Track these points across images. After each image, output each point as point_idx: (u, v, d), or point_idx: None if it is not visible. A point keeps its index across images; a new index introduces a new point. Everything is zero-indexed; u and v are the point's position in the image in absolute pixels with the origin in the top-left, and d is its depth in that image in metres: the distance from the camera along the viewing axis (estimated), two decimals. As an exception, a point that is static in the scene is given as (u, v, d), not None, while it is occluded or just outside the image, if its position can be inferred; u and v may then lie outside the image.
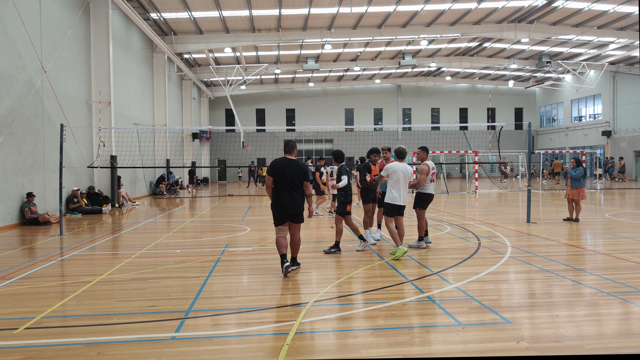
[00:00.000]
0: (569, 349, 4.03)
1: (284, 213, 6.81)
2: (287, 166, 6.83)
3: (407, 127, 44.95)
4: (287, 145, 7.11)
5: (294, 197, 6.79)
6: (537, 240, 9.47)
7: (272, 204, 6.88)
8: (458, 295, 5.65)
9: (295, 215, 6.89)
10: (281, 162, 6.89)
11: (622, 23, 25.39)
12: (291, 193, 6.78)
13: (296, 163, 6.92)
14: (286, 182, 6.77)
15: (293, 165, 6.86)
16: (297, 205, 6.83)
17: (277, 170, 6.83)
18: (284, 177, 6.77)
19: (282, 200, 6.77)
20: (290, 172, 6.79)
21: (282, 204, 6.77)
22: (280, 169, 6.82)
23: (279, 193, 6.80)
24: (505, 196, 21.73)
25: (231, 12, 22.87)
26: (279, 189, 6.82)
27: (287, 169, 6.80)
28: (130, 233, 11.67)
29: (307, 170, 6.97)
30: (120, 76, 20.25)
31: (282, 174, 6.79)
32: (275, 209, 6.86)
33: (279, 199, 6.80)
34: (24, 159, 13.15)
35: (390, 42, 30.21)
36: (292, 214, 6.84)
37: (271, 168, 6.94)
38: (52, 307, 5.38)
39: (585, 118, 40.30)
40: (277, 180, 6.83)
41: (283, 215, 6.84)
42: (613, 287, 5.91)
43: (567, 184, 12.53)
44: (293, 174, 6.79)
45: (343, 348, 4.15)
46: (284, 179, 6.77)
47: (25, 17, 13.06)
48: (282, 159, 6.93)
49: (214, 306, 5.33)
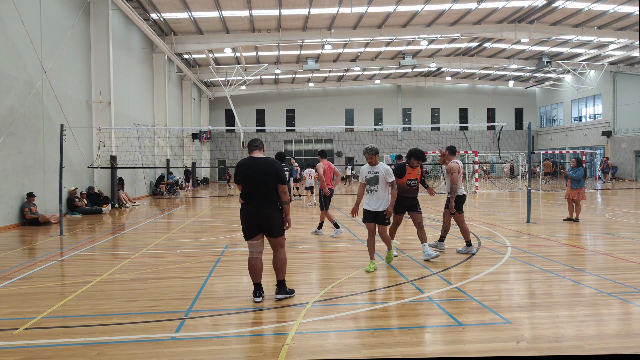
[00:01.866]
0: (569, 349, 4.03)
1: (253, 224, 5.41)
2: (255, 167, 5.43)
3: (407, 128, 44.96)
4: (254, 142, 5.64)
5: (265, 206, 5.37)
6: (537, 241, 9.47)
7: (240, 215, 5.55)
8: (458, 295, 5.65)
9: (270, 228, 5.44)
10: (247, 162, 5.50)
11: (622, 23, 25.40)
12: (261, 201, 5.37)
13: (265, 162, 5.47)
14: (255, 186, 5.38)
15: (261, 164, 5.44)
16: (269, 216, 5.38)
17: (243, 173, 5.46)
18: (252, 180, 5.39)
19: (249, 210, 5.40)
20: (260, 174, 5.39)
21: (249, 212, 5.40)
22: (247, 171, 5.43)
23: (248, 202, 5.44)
24: (505, 196, 21.72)
25: (231, 13, 22.87)
26: (244, 195, 5.47)
27: (255, 171, 5.40)
28: (131, 233, 11.67)
29: (282, 172, 5.49)
30: (120, 76, 20.25)
31: (249, 177, 5.41)
32: (241, 219, 5.51)
33: (244, 209, 5.45)
34: (24, 159, 13.15)
35: (390, 43, 30.21)
36: (264, 226, 5.43)
37: (235, 172, 5.63)
38: (52, 307, 5.38)
39: (586, 118, 40.30)
40: (243, 186, 5.48)
41: (252, 226, 5.42)
42: (613, 287, 5.91)
43: (567, 184, 12.51)
44: (264, 176, 5.38)
45: (343, 348, 4.15)
46: (253, 183, 5.39)
47: (25, 18, 13.06)
48: (248, 159, 5.53)
49: (214, 306, 5.33)
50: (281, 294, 5.54)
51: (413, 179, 7.67)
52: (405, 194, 7.66)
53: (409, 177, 7.62)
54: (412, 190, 7.68)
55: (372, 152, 6.92)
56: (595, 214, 14.25)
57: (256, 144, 5.63)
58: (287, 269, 7.31)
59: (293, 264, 7.70)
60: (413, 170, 7.65)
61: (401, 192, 7.58)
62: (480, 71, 39.94)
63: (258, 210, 5.36)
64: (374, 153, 6.92)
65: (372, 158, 6.90)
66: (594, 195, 21.43)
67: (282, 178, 5.45)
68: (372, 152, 6.92)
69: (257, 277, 5.51)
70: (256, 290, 5.49)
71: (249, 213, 5.40)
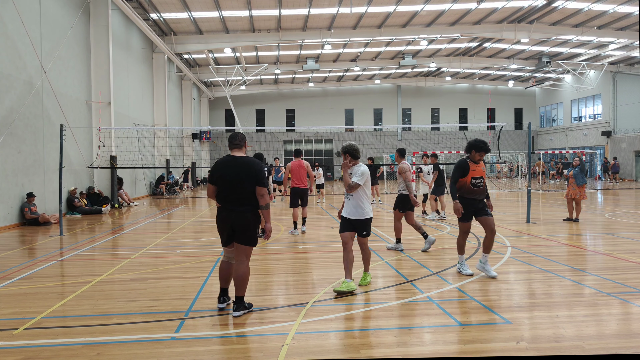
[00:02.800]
0: (569, 349, 4.03)
1: (227, 229, 5.02)
2: (233, 166, 5.01)
3: (407, 128, 44.96)
4: (234, 139, 5.20)
5: (240, 209, 4.97)
6: (537, 241, 9.47)
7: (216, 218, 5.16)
8: (458, 295, 5.65)
9: (242, 233, 4.98)
10: (225, 161, 5.08)
11: (622, 23, 25.41)
12: (236, 204, 4.97)
13: (244, 161, 5.06)
14: (232, 187, 4.97)
15: (240, 164, 5.03)
16: (244, 220, 4.96)
17: (219, 173, 5.03)
18: (227, 181, 4.98)
19: (222, 214, 5.03)
20: (236, 175, 4.97)
21: (222, 218, 5.02)
22: (223, 172, 5.01)
23: (221, 204, 5.05)
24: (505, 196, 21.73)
25: (231, 13, 22.87)
26: (220, 198, 5.05)
27: (232, 171, 4.99)
28: (130, 233, 11.67)
29: (262, 173, 5.06)
30: (120, 76, 20.26)
31: (224, 178, 4.99)
32: (216, 223, 5.14)
33: (219, 213, 5.07)
34: (24, 159, 13.15)
35: (390, 43, 30.22)
36: (237, 231, 4.98)
37: (210, 171, 5.22)
38: (52, 307, 5.38)
39: (585, 118, 40.32)
40: (219, 187, 5.05)
41: (226, 231, 5.04)
42: (613, 287, 5.91)
43: (568, 184, 12.43)
44: (242, 177, 4.97)
45: (343, 348, 4.16)
46: (228, 184, 4.97)
47: (25, 18, 13.06)
48: (227, 158, 5.10)
49: (213, 306, 5.32)
50: (239, 311, 4.96)
51: (478, 177, 6.46)
52: (471, 195, 6.47)
53: (473, 174, 6.43)
54: (478, 191, 6.48)
55: (343, 150, 5.99)
56: (595, 213, 14.25)
57: (236, 141, 5.17)
58: (287, 268, 7.34)
59: (293, 264, 7.71)
60: (477, 167, 6.48)
61: (466, 194, 6.48)
62: (480, 71, 39.96)
63: (233, 213, 4.96)
64: (343, 152, 5.95)
65: (346, 158, 5.93)
66: (593, 195, 21.44)
67: (262, 180, 5.04)
68: (343, 150, 5.99)
69: (227, 282, 5.21)
70: (222, 296, 5.19)
71: (223, 217, 5.01)
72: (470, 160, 6.50)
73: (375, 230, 10.99)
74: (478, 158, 6.47)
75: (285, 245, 9.42)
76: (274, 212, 15.69)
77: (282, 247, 9.15)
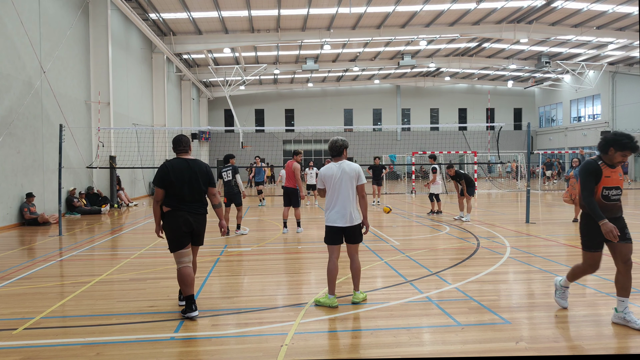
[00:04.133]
0: (568, 349, 4.04)
1: (187, 231, 5.03)
2: (186, 169, 5.07)
3: (406, 128, 44.95)
4: (179, 143, 5.23)
5: (197, 211, 5.09)
6: (536, 241, 9.48)
7: (166, 223, 5.05)
8: (457, 295, 5.65)
9: (201, 235, 5.24)
10: (176, 164, 5.10)
11: (622, 23, 25.42)
12: (193, 206, 5.06)
13: (195, 163, 5.17)
14: (188, 190, 5.03)
15: (191, 166, 5.11)
16: (204, 222, 5.22)
17: (170, 177, 5.00)
18: (183, 183, 5.02)
19: (183, 216, 5.00)
20: (190, 177, 5.05)
21: (184, 219, 5.00)
22: (175, 174, 5.01)
23: (176, 207, 5.02)
24: (504, 196, 21.74)
25: (230, 13, 22.87)
26: (174, 201, 5.02)
27: (186, 173, 5.05)
28: (130, 233, 11.66)
29: (211, 173, 5.25)
30: (119, 77, 20.25)
31: (178, 180, 5.00)
32: (171, 227, 5.01)
33: (177, 216, 5.00)
34: (23, 159, 13.14)
35: (389, 43, 30.22)
36: (197, 232, 5.15)
37: (160, 175, 5.05)
38: (51, 307, 5.38)
39: (585, 118, 40.34)
40: (172, 190, 5.01)
41: (186, 233, 5.04)
42: (612, 287, 5.87)
43: (568, 185, 12.22)
44: (194, 179, 5.07)
45: (342, 348, 4.16)
46: (184, 186, 5.02)
47: (25, 18, 13.05)
48: (177, 161, 5.14)
49: (213, 306, 5.32)
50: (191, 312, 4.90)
51: (613, 187, 4.56)
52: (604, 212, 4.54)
53: (606, 183, 4.54)
54: (612, 207, 4.61)
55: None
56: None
57: (182, 146, 5.22)
58: (287, 268, 7.36)
59: (293, 264, 7.71)
60: (613, 172, 4.57)
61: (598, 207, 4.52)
62: (479, 71, 39.97)
63: (193, 215, 5.05)
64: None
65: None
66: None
67: (213, 180, 5.25)
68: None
69: (192, 287, 5.00)
70: (191, 304, 4.92)
71: (183, 219, 4.99)
72: (603, 163, 4.57)
73: (376, 232, 11.00)
74: (619, 160, 4.53)
75: (284, 245, 9.42)
76: (270, 212, 15.69)
77: (281, 247, 9.15)
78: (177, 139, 5.24)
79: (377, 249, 8.71)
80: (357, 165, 5.34)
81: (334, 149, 5.39)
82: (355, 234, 5.29)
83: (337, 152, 5.38)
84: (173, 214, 5.02)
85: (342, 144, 5.36)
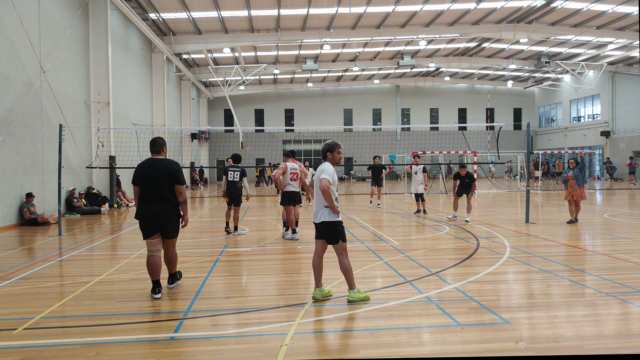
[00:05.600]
0: (568, 349, 4.04)
1: (150, 223, 5.65)
2: (153, 168, 5.66)
3: (406, 128, 44.95)
4: (153, 144, 5.84)
5: (161, 206, 5.62)
6: (535, 241, 9.48)
7: (136, 215, 5.74)
8: (457, 295, 5.65)
9: (166, 229, 5.73)
10: (146, 164, 5.74)
11: (621, 23, 25.43)
12: (158, 201, 5.62)
13: (163, 163, 5.70)
14: (152, 187, 5.62)
15: (159, 166, 5.67)
16: (166, 216, 5.66)
17: (141, 174, 5.68)
18: (148, 181, 5.62)
19: (147, 210, 5.62)
20: (156, 175, 5.62)
21: (147, 213, 5.62)
22: (144, 173, 5.66)
23: (145, 202, 5.66)
24: (504, 196, 21.74)
25: (230, 13, 22.87)
26: (144, 197, 5.67)
27: (153, 171, 5.63)
28: (129, 233, 11.66)
29: (178, 172, 5.73)
30: (119, 76, 20.24)
31: (147, 178, 5.63)
32: (139, 218, 5.70)
33: (143, 209, 5.64)
34: (23, 159, 13.13)
35: (389, 43, 30.22)
36: (161, 227, 5.70)
37: (134, 174, 5.77)
38: (51, 307, 5.38)
39: (584, 118, 40.35)
40: (142, 187, 5.69)
41: (149, 225, 5.67)
42: (612, 287, 5.91)
43: (567, 185, 12.19)
44: (160, 178, 5.62)
45: (342, 348, 4.16)
46: (151, 184, 5.62)
47: (24, 18, 13.04)
48: (148, 161, 5.77)
49: (212, 306, 5.33)
50: (174, 283, 6.09)
51: None
52: None
53: None
54: None
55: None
56: (594, 214, 14.26)
57: (155, 147, 5.81)
58: (287, 268, 7.37)
59: (293, 264, 7.71)
60: None
61: None
62: (479, 71, 39.98)
63: (155, 210, 5.61)
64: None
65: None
66: (592, 195, 21.45)
67: (180, 179, 5.72)
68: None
69: (157, 274, 5.70)
70: (155, 287, 5.68)
71: (146, 213, 5.62)
72: None
73: (376, 232, 11.00)
74: None
75: (284, 245, 9.42)
76: (270, 212, 15.69)
77: (281, 247, 9.15)
78: (152, 141, 5.86)
79: (376, 249, 8.72)
80: (323, 165, 5.51)
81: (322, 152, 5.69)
82: (322, 230, 5.52)
83: (322, 155, 5.67)
84: (140, 207, 5.69)
85: (324, 147, 5.62)
